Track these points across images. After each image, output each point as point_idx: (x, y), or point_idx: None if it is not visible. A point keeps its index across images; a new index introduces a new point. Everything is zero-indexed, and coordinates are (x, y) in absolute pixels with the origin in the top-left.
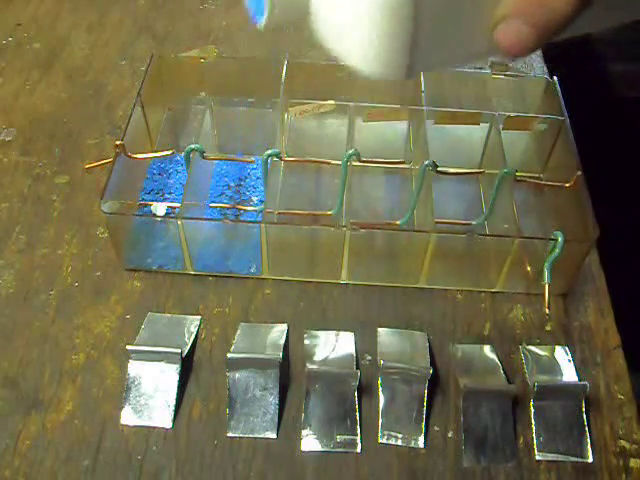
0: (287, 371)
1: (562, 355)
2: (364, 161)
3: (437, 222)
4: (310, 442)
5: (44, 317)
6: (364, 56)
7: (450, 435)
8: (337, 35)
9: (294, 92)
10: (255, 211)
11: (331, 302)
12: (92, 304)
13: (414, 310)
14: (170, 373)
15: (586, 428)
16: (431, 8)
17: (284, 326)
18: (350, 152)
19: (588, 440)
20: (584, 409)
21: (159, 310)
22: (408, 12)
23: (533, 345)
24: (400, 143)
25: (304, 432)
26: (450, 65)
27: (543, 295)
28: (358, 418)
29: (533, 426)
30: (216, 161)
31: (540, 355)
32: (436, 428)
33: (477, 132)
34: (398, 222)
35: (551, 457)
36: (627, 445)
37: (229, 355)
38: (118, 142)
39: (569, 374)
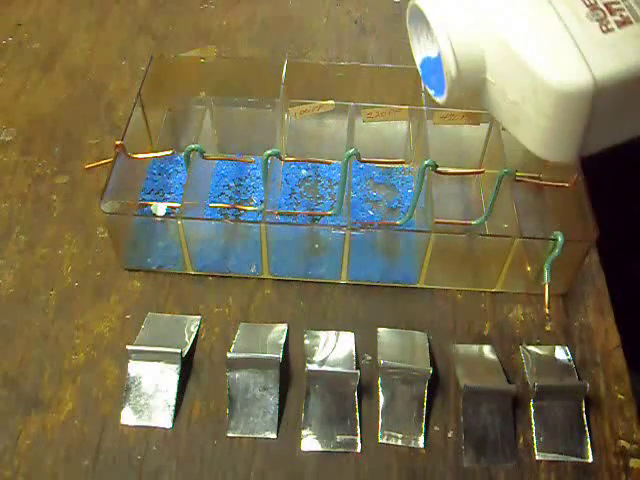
0: (287, 371)
1: (562, 355)
2: (364, 161)
3: (437, 222)
4: (310, 442)
5: (44, 317)
6: (539, 143)
7: (450, 435)
8: (513, 119)
9: (294, 92)
10: (255, 211)
11: (331, 302)
12: (92, 304)
13: (414, 310)
14: (170, 373)
15: (586, 428)
16: (608, 102)
17: (284, 326)
18: (350, 152)
19: (588, 440)
20: (584, 409)
21: (159, 310)
22: (587, 110)
23: (533, 345)
24: (400, 143)
25: (304, 432)
26: (617, 143)
27: (543, 295)
28: (358, 418)
29: (533, 426)
30: (216, 161)
31: (540, 355)
32: (436, 428)
33: (477, 132)
34: (398, 222)
35: (551, 457)
36: (627, 445)
37: (229, 355)
38: (118, 142)
39: (569, 374)
